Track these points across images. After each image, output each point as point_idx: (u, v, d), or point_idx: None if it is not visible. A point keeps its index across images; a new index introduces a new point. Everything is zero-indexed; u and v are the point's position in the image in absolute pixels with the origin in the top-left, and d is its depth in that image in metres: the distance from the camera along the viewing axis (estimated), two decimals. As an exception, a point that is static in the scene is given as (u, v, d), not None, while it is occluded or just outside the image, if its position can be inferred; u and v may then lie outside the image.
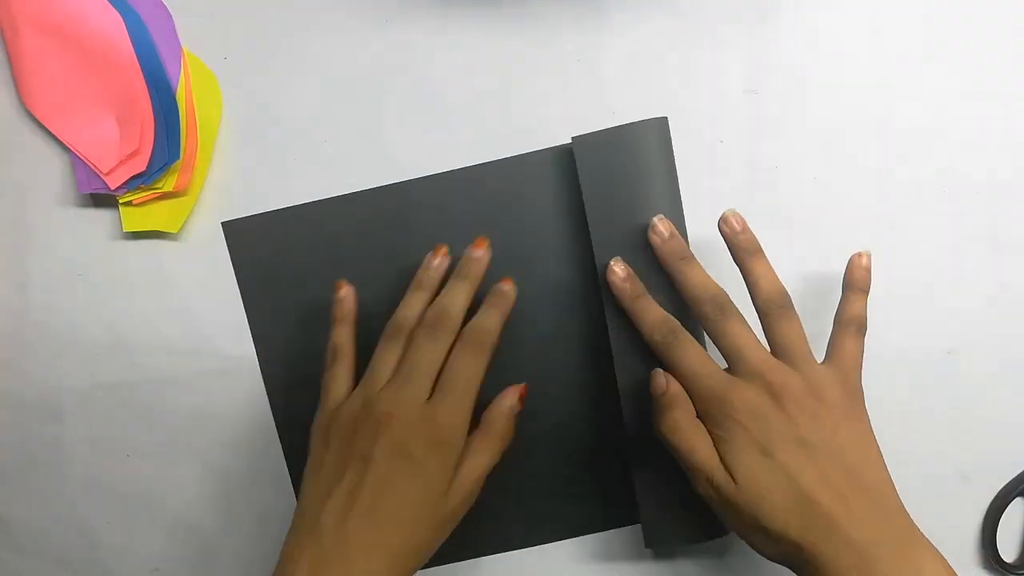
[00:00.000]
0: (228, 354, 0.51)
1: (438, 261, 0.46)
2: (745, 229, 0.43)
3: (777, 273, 0.43)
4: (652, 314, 0.43)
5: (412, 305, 0.45)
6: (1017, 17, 0.49)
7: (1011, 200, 0.49)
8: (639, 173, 0.46)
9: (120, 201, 0.50)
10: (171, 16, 0.51)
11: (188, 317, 0.51)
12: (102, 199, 0.51)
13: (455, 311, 0.43)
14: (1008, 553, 0.49)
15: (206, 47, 0.51)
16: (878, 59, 0.50)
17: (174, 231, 0.50)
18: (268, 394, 0.50)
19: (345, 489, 0.40)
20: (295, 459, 0.50)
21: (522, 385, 0.45)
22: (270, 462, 0.51)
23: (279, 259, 0.50)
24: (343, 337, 0.46)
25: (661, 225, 0.44)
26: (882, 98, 0.50)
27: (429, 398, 0.42)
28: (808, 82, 0.50)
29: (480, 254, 0.45)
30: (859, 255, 0.44)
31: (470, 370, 0.42)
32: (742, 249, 0.43)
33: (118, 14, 0.49)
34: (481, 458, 0.42)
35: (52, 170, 0.52)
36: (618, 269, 0.45)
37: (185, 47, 0.51)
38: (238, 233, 0.50)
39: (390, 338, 0.44)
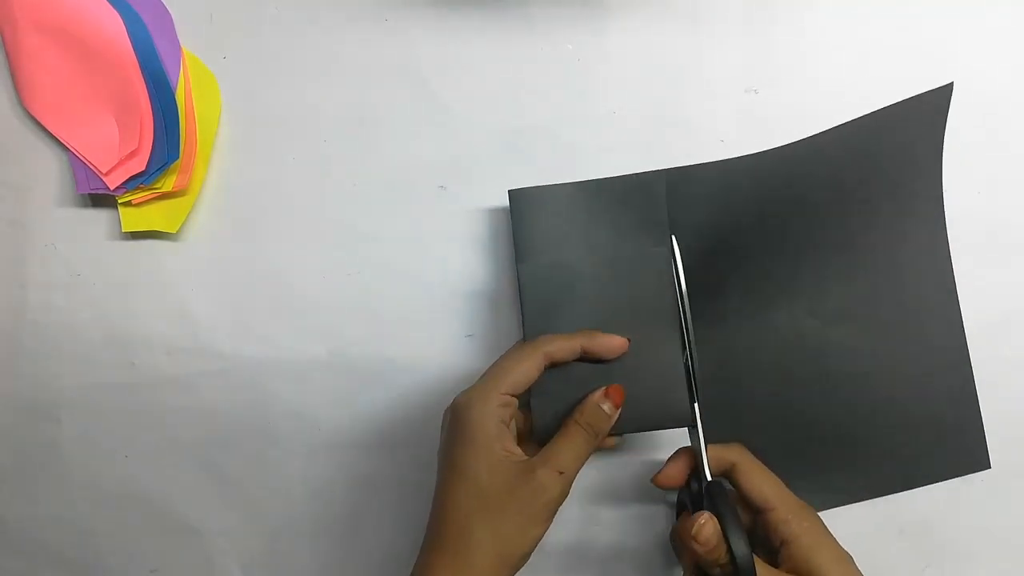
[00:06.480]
0: (227, 354, 0.51)
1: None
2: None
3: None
4: None
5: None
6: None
7: (1011, 198, 0.49)
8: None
9: (119, 201, 0.50)
10: (171, 16, 0.51)
11: (187, 317, 0.51)
12: (101, 199, 0.51)
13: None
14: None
15: (205, 47, 0.51)
16: (878, 58, 0.50)
17: (173, 231, 0.50)
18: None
19: None
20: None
21: (619, 386, 0.43)
22: (269, 462, 0.51)
23: (552, 227, 0.47)
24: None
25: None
26: (883, 97, 0.49)
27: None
28: (808, 82, 0.50)
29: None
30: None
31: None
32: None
33: (117, 14, 0.49)
34: (570, 449, 0.41)
35: (50, 170, 0.51)
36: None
37: (184, 47, 0.51)
38: (520, 199, 0.47)
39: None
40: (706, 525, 0.41)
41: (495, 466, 0.40)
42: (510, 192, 0.46)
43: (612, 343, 0.44)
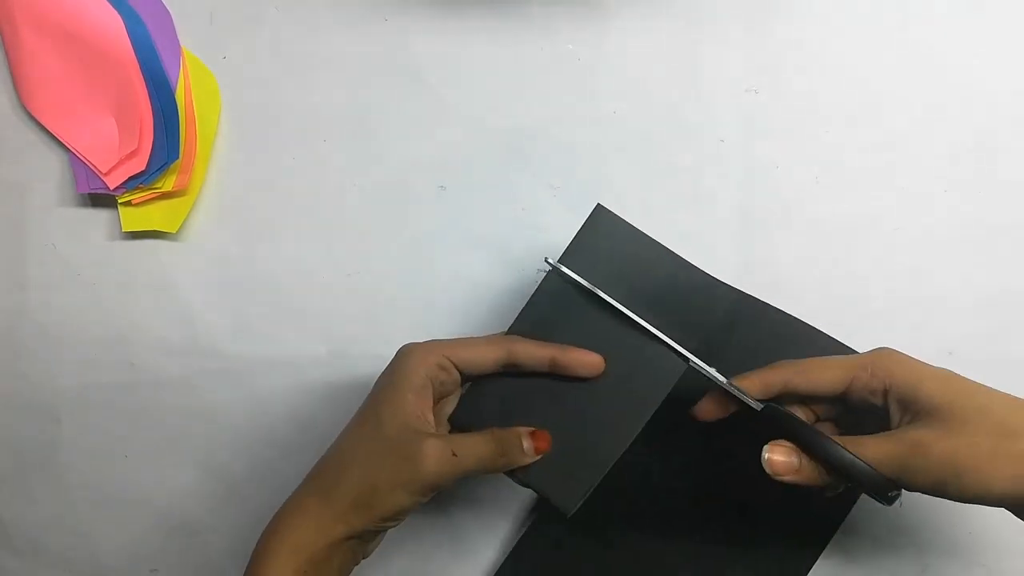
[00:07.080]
0: (227, 354, 0.51)
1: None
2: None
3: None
4: None
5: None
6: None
7: (1011, 199, 0.49)
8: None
9: (119, 201, 0.50)
10: (171, 16, 0.51)
11: (187, 317, 0.51)
12: (101, 199, 0.51)
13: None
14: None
15: (205, 47, 0.51)
16: (878, 59, 0.50)
17: (173, 231, 0.50)
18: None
19: None
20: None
21: (547, 436, 0.41)
22: (269, 462, 0.51)
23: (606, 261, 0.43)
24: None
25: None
26: (883, 98, 0.50)
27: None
28: (808, 82, 0.50)
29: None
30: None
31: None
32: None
33: (118, 14, 0.49)
34: (475, 448, 0.39)
35: (51, 170, 0.51)
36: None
37: (184, 46, 0.51)
38: (599, 222, 0.43)
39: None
40: (770, 457, 0.37)
41: (399, 415, 0.38)
42: (598, 205, 0.43)
43: (587, 359, 0.41)
